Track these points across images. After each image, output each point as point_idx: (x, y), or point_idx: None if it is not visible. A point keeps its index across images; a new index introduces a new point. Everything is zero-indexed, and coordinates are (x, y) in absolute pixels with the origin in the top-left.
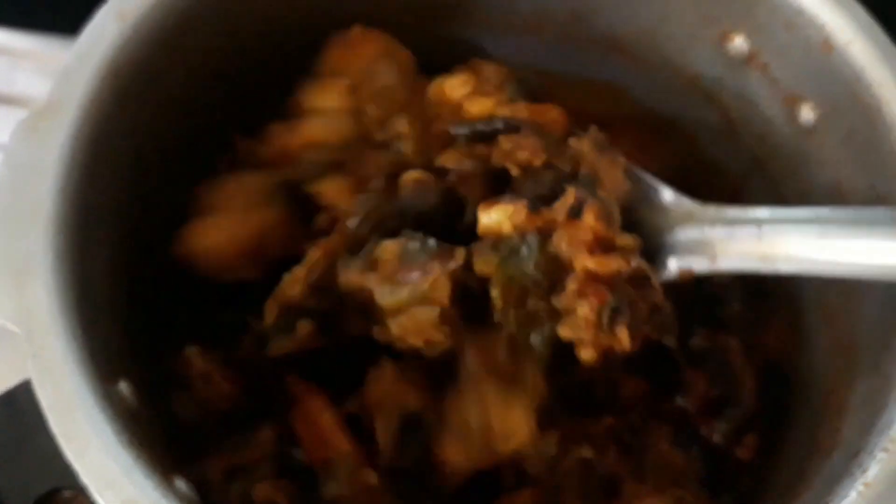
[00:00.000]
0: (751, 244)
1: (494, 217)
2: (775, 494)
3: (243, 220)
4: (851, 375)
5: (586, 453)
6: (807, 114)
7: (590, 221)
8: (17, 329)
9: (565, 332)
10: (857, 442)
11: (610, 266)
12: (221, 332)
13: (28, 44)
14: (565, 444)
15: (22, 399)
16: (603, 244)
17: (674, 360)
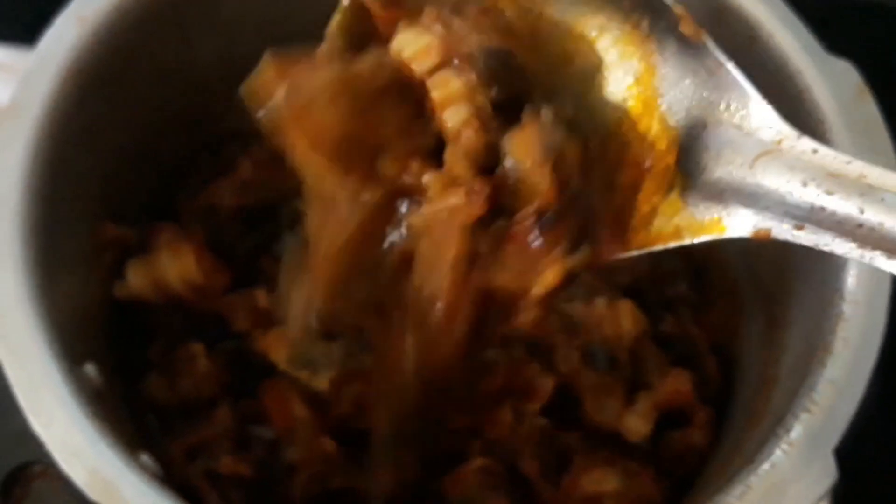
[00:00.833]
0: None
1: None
2: (717, 465)
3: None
4: (781, 349)
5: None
6: None
7: None
8: None
9: None
10: (784, 407)
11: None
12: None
13: None
14: None
15: None
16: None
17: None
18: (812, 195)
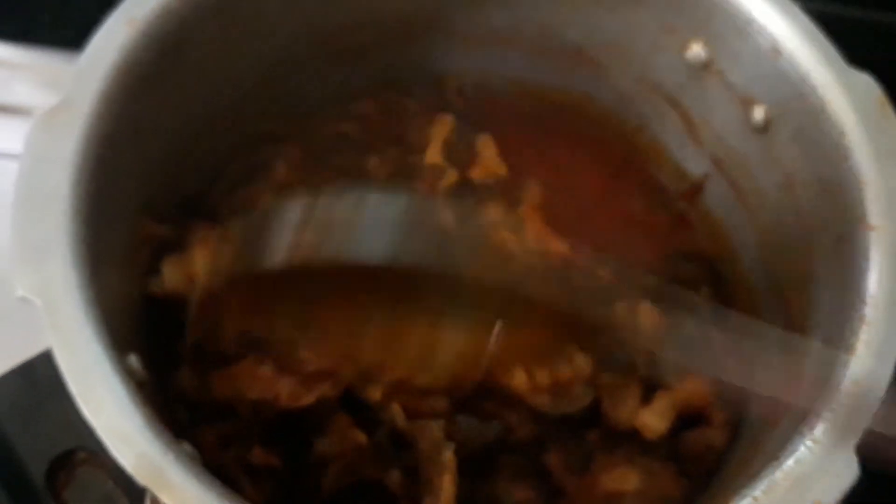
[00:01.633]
0: None
1: None
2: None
3: None
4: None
5: None
6: (759, 115)
7: None
8: (38, 301)
9: None
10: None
11: None
12: None
13: (26, 57)
14: None
15: (40, 368)
16: None
17: None
18: None
